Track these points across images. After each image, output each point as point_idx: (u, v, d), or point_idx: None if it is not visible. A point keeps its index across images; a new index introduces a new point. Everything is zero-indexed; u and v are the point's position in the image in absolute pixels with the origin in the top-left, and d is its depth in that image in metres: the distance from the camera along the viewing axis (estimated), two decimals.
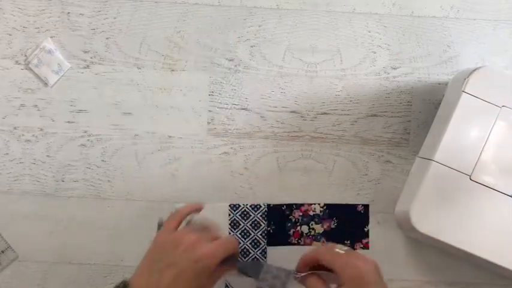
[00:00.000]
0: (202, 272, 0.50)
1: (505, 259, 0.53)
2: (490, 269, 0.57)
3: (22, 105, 0.62)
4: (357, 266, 0.49)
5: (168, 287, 0.48)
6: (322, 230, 0.62)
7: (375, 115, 0.63)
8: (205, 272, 0.50)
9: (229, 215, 0.62)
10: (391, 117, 0.63)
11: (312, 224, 0.62)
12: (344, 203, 0.62)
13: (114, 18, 0.62)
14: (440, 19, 0.63)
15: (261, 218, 0.62)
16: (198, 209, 0.58)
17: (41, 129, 0.62)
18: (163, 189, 0.62)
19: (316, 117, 0.63)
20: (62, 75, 0.62)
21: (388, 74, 0.63)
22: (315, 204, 0.62)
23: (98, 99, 0.63)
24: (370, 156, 0.62)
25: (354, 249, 0.62)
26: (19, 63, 0.62)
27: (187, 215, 0.57)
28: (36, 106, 0.62)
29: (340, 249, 0.52)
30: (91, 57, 0.62)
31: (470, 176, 0.54)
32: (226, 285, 0.62)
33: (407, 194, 0.57)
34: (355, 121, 0.63)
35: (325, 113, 0.63)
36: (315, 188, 0.62)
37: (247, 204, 0.62)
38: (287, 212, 0.62)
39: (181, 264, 0.50)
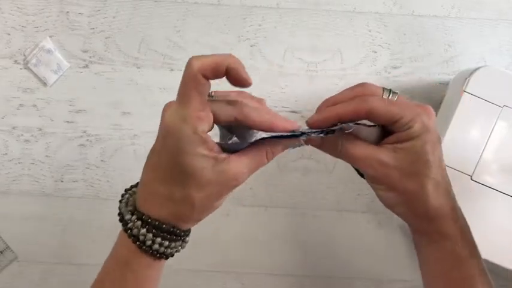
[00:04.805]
0: (177, 148, 0.32)
1: (506, 259, 0.53)
2: (490, 269, 0.57)
3: (21, 105, 0.62)
4: (422, 119, 0.37)
5: (153, 184, 0.36)
6: None
7: None
8: (184, 145, 0.32)
9: None
10: None
11: None
12: (344, 202, 0.62)
13: (114, 17, 0.62)
14: (441, 18, 0.62)
15: None
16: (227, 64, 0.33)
17: (40, 129, 0.62)
18: None
19: None
20: (61, 75, 0.62)
21: (389, 73, 0.63)
22: None
23: (97, 99, 0.62)
24: None
25: None
26: (18, 63, 0.62)
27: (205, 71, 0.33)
28: (35, 106, 0.62)
29: (389, 95, 0.40)
30: (90, 57, 0.62)
31: (471, 176, 0.53)
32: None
33: None
34: None
35: None
36: (315, 188, 0.62)
37: None
38: None
39: (157, 146, 0.35)
